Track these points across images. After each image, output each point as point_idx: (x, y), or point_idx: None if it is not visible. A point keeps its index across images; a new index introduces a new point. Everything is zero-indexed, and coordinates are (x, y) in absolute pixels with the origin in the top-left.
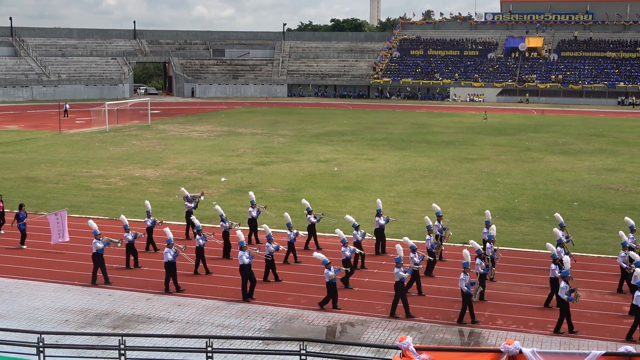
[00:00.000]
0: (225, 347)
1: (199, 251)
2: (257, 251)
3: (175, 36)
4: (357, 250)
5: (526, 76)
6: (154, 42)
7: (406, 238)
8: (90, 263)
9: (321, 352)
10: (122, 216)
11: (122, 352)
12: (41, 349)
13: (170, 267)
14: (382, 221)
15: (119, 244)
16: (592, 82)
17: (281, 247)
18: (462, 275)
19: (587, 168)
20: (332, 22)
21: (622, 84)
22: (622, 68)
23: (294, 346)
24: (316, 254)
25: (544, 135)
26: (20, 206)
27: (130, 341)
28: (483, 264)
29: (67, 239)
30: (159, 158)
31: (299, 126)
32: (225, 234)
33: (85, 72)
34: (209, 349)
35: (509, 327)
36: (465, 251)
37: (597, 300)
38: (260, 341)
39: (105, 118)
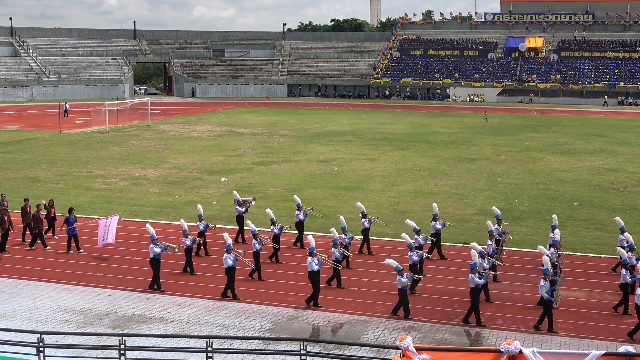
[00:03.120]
0: (225, 347)
1: (256, 256)
2: (327, 258)
3: (176, 36)
4: (425, 255)
5: (526, 76)
6: (154, 42)
7: (474, 243)
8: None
9: (321, 352)
10: (182, 220)
11: (122, 352)
12: (41, 349)
13: (231, 273)
14: (438, 225)
15: (177, 250)
16: (592, 82)
17: (346, 253)
18: (542, 282)
19: (587, 168)
20: (332, 22)
21: (622, 84)
22: (622, 68)
23: (294, 346)
24: (388, 261)
25: (544, 135)
26: (70, 210)
27: (130, 341)
28: (551, 270)
29: (112, 242)
30: (159, 158)
31: (299, 126)
32: (276, 238)
33: (85, 72)
34: (209, 349)
35: (509, 327)
36: (545, 257)
37: (597, 300)
38: (260, 341)
39: (106, 118)
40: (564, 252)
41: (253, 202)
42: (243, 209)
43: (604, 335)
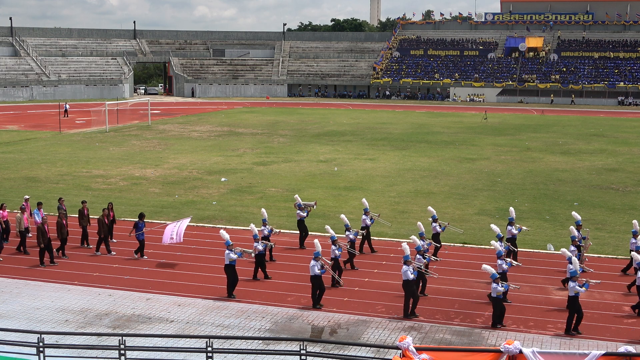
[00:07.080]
0: (225, 347)
1: (335, 262)
2: (421, 266)
3: (175, 36)
4: (515, 263)
5: (526, 76)
6: (154, 42)
7: (564, 250)
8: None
9: (321, 352)
10: (252, 225)
11: (122, 352)
12: (41, 349)
13: (317, 281)
14: (514, 230)
15: (253, 255)
16: (592, 82)
17: (433, 258)
18: None
19: (587, 168)
20: (333, 22)
21: (622, 84)
22: (622, 68)
23: (294, 346)
24: (485, 267)
25: (544, 135)
26: (141, 215)
27: (130, 341)
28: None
29: (180, 241)
30: (159, 158)
31: (299, 126)
32: (351, 244)
33: (85, 72)
34: (209, 349)
35: (509, 327)
36: None
37: (597, 300)
38: (260, 341)
39: (106, 118)
40: None
41: (314, 206)
42: (304, 214)
43: (604, 335)
